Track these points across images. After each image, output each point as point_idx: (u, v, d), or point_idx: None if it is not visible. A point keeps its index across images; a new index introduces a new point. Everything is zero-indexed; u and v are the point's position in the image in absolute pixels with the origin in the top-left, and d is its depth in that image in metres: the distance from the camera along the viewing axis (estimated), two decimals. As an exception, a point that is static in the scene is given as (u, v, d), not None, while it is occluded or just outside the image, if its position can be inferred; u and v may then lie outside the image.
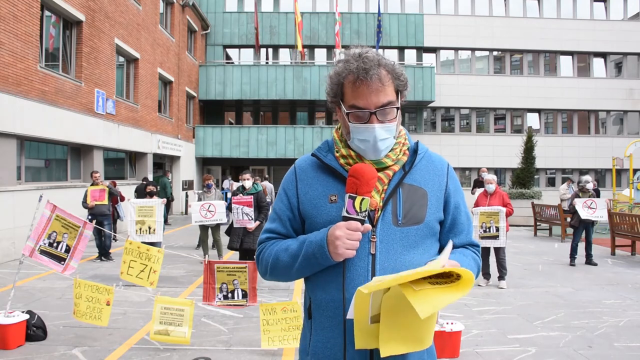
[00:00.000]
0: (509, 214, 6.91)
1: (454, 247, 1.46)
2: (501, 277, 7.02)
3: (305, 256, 1.37)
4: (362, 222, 1.30)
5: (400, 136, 1.49)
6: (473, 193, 12.58)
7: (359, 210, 1.30)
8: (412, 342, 1.22)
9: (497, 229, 6.81)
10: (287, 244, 1.45)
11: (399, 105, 1.40)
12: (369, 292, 1.14)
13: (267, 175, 21.09)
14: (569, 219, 10.43)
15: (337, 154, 1.47)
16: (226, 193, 15.14)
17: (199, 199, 8.43)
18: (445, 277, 1.18)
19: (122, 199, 10.61)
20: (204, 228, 8.51)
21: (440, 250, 1.47)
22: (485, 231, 6.89)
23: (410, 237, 1.38)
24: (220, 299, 4.27)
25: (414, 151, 1.48)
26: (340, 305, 1.35)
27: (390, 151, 1.44)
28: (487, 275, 7.20)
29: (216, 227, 8.48)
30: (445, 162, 1.54)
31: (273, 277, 1.51)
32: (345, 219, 1.31)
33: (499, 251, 6.99)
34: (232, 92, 22.65)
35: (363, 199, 1.30)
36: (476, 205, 7.24)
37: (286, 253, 1.43)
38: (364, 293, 1.14)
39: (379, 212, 1.38)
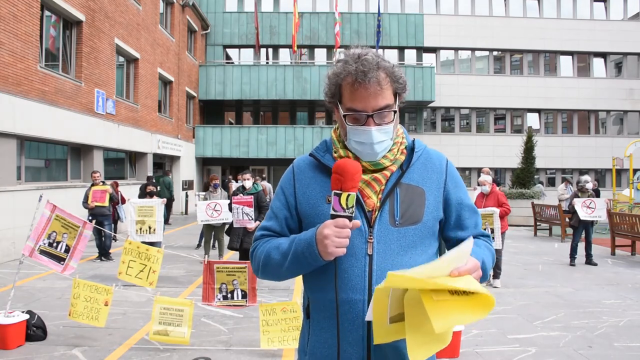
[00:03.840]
0: (503, 214, 6.88)
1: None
2: (495, 277, 7.03)
3: (294, 255, 1.36)
4: (350, 218, 1.28)
5: (397, 135, 1.48)
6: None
7: (345, 207, 1.27)
8: (437, 342, 1.19)
9: (492, 231, 6.78)
10: (280, 242, 1.44)
11: (396, 109, 1.39)
12: (386, 287, 1.11)
13: (264, 175, 21.09)
14: (568, 219, 10.43)
15: (335, 154, 1.46)
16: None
17: (205, 199, 8.44)
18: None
19: (124, 201, 10.57)
20: (208, 228, 8.51)
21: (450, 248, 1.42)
22: None
23: (407, 237, 1.37)
24: (219, 299, 4.27)
25: (411, 149, 1.47)
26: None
27: (387, 152, 1.43)
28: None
29: (221, 227, 8.47)
30: (444, 158, 1.51)
31: (265, 275, 1.48)
32: (333, 217, 1.28)
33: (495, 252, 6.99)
34: (232, 92, 22.64)
35: (349, 195, 1.27)
36: None
37: (277, 251, 1.41)
38: (381, 289, 1.11)
39: (376, 212, 1.37)
